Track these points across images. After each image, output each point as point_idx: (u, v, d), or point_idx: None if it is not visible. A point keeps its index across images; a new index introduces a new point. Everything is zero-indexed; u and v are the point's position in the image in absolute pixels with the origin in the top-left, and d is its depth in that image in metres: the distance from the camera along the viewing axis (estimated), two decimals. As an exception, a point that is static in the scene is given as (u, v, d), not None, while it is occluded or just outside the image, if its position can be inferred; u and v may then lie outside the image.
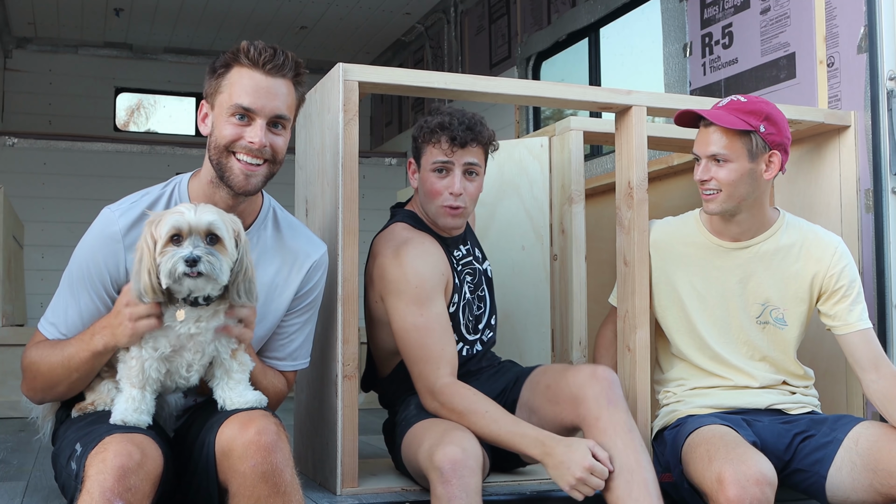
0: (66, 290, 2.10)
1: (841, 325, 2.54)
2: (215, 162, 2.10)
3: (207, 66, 2.13)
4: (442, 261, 2.50)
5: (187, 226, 1.87)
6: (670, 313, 2.65)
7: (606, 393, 2.29)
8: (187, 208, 1.91)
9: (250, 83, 2.06)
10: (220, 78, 2.10)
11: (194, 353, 2.00)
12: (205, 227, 1.88)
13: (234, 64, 2.08)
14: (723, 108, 2.50)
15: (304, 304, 2.28)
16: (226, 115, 2.08)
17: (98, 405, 2.06)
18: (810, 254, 2.59)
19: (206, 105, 2.14)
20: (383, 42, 8.09)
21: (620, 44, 5.37)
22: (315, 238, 2.33)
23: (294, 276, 2.25)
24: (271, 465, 1.85)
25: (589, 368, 2.36)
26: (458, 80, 2.65)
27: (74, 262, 2.09)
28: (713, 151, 2.48)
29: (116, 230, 2.05)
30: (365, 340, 2.67)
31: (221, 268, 1.88)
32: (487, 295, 2.69)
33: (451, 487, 2.09)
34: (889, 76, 3.03)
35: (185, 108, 9.08)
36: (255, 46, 2.07)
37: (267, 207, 2.27)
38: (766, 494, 2.15)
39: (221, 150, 2.09)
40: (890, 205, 2.98)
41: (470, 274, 2.63)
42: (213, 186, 2.14)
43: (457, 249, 2.63)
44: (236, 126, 2.08)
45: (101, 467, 1.76)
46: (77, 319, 2.08)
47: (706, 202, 2.54)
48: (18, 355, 2.16)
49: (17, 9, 7.36)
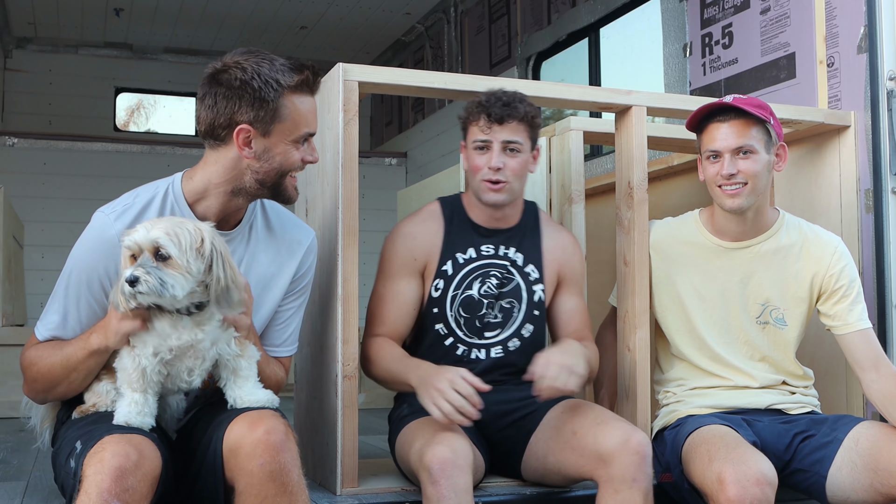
0: (62, 294, 2.10)
1: (841, 325, 2.54)
2: (270, 184, 2.15)
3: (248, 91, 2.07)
4: (423, 243, 2.53)
5: (137, 245, 1.91)
6: (670, 313, 2.65)
7: (634, 471, 2.19)
8: (142, 226, 1.93)
9: (308, 108, 2.15)
10: (274, 106, 2.09)
11: (195, 360, 2.01)
12: (150, 244, 1.91)
13: (286, 92, 2.11)
14: (733, 101, 2.51)
15: (298, 288, 2.31)
16: (289, 142, 2.14)
17: (100, 407, 2.06)
18: (810, 254, 2.59)
19: (255, 131, 2.10)
20: (383, 42, 8.09)
21: (620, 44, 5.37)
22: (303, 224, 2.36)
23: (288, 263, 2.27)
24: (279, 465, 1.86)
25: (624, 432, 2.23)
26: (458, 80, 2.65)
27: (72, 268, 2.09)
28: (740, 143, 2.48)
29: (113, 234, 2.05)
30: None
31: (164, 283, 1.89)
32: (518, 314, 2.55)
33: (440, 488, 2.09)
34: (889, 76, 3.03)
35: (185, 108, 9.08)
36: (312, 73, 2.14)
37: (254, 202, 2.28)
38: (767, 494, 2.15)
39: (283, 174, 2.15)
40: (890, 205, 2.98)
41: (489, 276, 2.54)
42: (232, 195, 2.15)
43: (487, 245, 2.56)
44: (299, 151, 2.16)
45: (98, 468, 1.76)
46: (76, 325, 2.09)
47: (731, 198, 2.51)
48: (18, 355, 2.17)
49: (17, 9, 7.36)
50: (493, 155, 2.45)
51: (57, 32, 7.95)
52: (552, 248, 2.61)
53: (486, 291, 2.54)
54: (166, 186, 2.17)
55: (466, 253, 2.54)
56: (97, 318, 2.07)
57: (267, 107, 2.08)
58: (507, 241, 2.57)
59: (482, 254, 2.54)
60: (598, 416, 2.34)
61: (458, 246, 2.54)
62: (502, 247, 2.56)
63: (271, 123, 2.10)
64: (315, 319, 2.60)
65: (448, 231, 2.55)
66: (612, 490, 2.20)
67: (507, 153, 2.46)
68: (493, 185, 2.46)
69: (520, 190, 2.53)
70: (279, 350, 2.31)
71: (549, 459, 2.39)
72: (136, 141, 7.78)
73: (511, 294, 2.55)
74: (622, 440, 2.21)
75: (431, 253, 2.53)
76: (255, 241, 2.24)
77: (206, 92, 2.11)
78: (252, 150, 2.11)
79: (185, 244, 1.92)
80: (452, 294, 2.52)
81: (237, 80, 2.07)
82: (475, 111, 2.47)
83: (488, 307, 2.54)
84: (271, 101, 2.08)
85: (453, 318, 2.52)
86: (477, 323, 2.54)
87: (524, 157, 2.49)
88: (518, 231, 2.59)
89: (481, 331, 2.54)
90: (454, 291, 2.52)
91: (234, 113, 2.08)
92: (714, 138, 2.52)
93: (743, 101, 2.50)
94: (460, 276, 2.53)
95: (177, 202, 2.14)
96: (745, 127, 2.48)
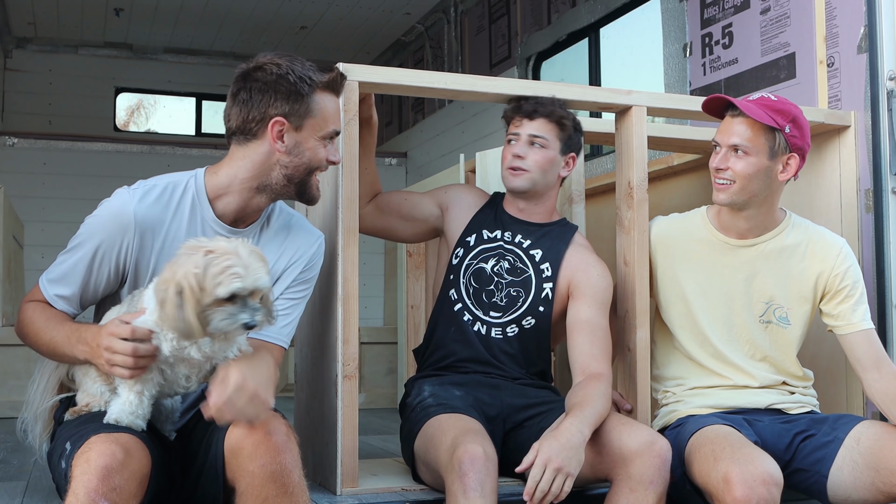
0: (72, 256, 2.12)
1: (844, 325, 2.54)
2: (298, 180, 2.19)
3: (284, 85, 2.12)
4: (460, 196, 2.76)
5: (246, 291, 1.87)
6: (674, 308, 2.65)
7: (653, 473, 2.21)
8: (243, 268, 1.86)
9: (335, 108, 2.21)
10: (307, 101, 2.15)
11: (191, 368, 2.00)
12: (261, 290, 1.90)
13: (317, 89, 2.16)
14: (753, 101, 2.50)
15: (303, 279, 2.29)
16: (318, 139, 2.18)
17: (93, 407, 2.06)
18: (815, 254, 2.59)
19: (288, 124, 2.15)
20: (383, 42, 8.08)
21: (620, 44, 5.37)
22: (313, 228, 2.36)
23: (293, 263, 2.27)
24: (280, 466, 1.86)
25: (649, 434, 2.27)
26: (458, 80, 2.65)
27: (83, 235, 2.12)
28: (735, 142, 2.48)
29: (131, 212, 2.08)
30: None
31: None
32: (523, 305, 2.61)
33: (468, 480, 2.10)
34: (889, 76, 3.03)
35: (185, 108, 9.08)
36: (340, 75, 2.21)
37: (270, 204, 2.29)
38: (773, 494, 2.14)
39: (311, 170, 2.20)
40: (890, 205, 2.98)
41: (504, 259, 2.64)
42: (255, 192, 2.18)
43: (509, 232, 2.67)
44: (325, 149, 2.20)
45: (85, 468, 1.77)
46: (76, 288, 2.12)
47: (717, 191, 2.53)
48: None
49: (17, 9, 7.36)
50: (518, 145, 2.61)
51: (57, 32, 7.95)
52: (573, 257, 2.64)
53: (497, 270, 2.64)
54: (188, 179, 2.19)
55: (493, 233, 2.67)
56: (104, 284, 2.12)
57: (301, 101, 2.14)
58: (528, 234, 2.66)
59: (504, 238, 2.66)
60: (620, 418, 2.41)
61: (487, 224, 2.68)
62: (520, 236, 2.66)
63: (304, 118, 2.15)
64: (315, 319, 2.60)
65: (483, 210, 2.72)
66: (628, 489, 2.22)
67: (532, 146, 2.61)
68: (513, 170, 2.61)
69: (543, 185, 2.64)
70: (272, 336, 2.21)
71: None
72: (136, 141, 7.77)
73: (520, 284, 2.63)
74: (647, 442, 2.24)
75: (460, 213, 2.72)
76: (263, 240, 2.25)
77: (241, 87, 2.15)
78: (284, 143, 2.15)
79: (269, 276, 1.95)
80: (467, 263, 2.65)
81: (273, 75, 2.13)
82: (511, 109, 2.67)
83: (496, 286, 2.63)
84: (305, 96, 2.14)
85: (464, 285, 2.64)
86: (484, 297, 2.62)
87: (549, 154, 2.61)
88: (543, 231, 2.67)
89: (487, 307, 2.62)
90: (469, 261, 2.65)
91: (268, 106, 2.13)
92: (720, 129, 2.54)
93: (764, 102, 2.49)
94: (479, 249, 2.65)
95: (198, 196, 2.17)
96: (749, 127, 2.48)
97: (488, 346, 2.61)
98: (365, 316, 6.60)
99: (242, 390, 1.84)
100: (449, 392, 2.52)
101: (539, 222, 2.68)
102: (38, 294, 2.16)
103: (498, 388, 2.57)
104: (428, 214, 2.75)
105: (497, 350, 2.61)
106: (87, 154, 7.13)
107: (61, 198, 6.92)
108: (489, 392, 2.55)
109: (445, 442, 2.24)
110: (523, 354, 2.63)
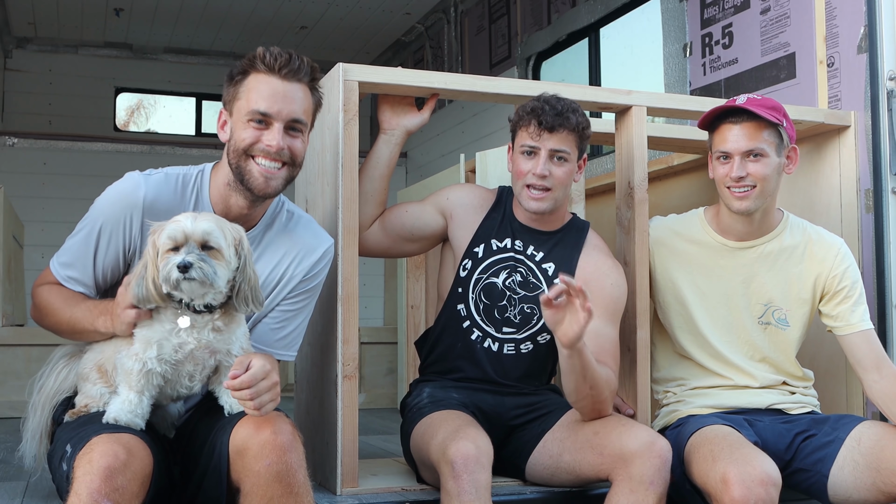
0: (82, 238, 2.13)
1: (843, 326, 2.54)
2: (234, 166, 2.14)
3: (229, 74, 2.15)
4: (464, 199, 2.61)
5: (183, 235, 1.91)
6: (673, 310, 2.65)
7: (653, 474, 2.20)
8: (185, 217, 1.94)
9: (267, 88, 2.11)
10: (237, 85, 2.13)
11: (195, 366, 2.01)
12: (200, 235, 1.92)
13: (250, 70, 2.12)
14: (746, 104, 2.49)
15: (303, 289, 2.27)
16: (244, 121, 2.12)
17: (91, 408, 2.06)
18: (813, 255, 2.59)
19: (225, 112, 2.17)
20: (383, 42, 8.08)
21: (620, 44, 5.37)
22: (322, 232, 2.34)
23: (298, 269, 2.25)
24: (286, 465, 1.86)
25: (649, 435, 2.26)
26: (458, 80, 2.65)
27: (90, 215, 2.13)
28: (751, 146, 2.48)
29: (140, 197, 2.10)
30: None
31: (215, 273, 1.91)
32: (537, 322, 2.54)
33: (462, 482, 2.10)
34: (889, 76, 3.03)
35: (185, 108, 9.07)
36: (270, 52, 2.11)
37: (276, 204, 2.28)
38: (771, 495, 2.15)
39: (241, 153, 2.13)
40: (890, 205, 2.98)
41: (516, 272, 2.55)
42: (230, 189, 2.17)
43: (519, 241, 2.56)
44: (255, 130, 2.12)
45: (87, 468, 1.77)
46: (86, 270, 2.13)
47: (740, 200, 2.50)
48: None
49: (17, 9, 7.36)
50: (539, 162, 2.45)
51: (57, 32, 7.94)
52: (586, 265, 2.56)
53: (509, 284, 2.55)
54: (196, 173, 2.21)
55: (503, 242, 2.56)
56: (113, 265, 2.13)
57: (232, 85, 2.14)
58: (540, 245, 2.57)
59: (515, 247, 2.56)
60: (620, 418, 2.39)
61: (496, 232, 2.57)
62: (531, 247, 2.57)
63: (234, 102, 2.15)
64: (315, 319, 2.60)
65: (490, 215, 2.58)
66: (629, 490, 2.21)
67: (554, 161, 2.46)
68: (535, 192, 2.47)
69: (562, 199, 2.54)
70: (271, 353, 2.23)
71: (563, 458, 2.39)
72: (136, 141, 7.77)
73: (534, 300, 2.54)
74: (647, 442, 2.23)
75: (465, 219, 2.59)
76: (266, 244, 2.24)
77: None
78: (225, 132, 2.17)
79: (229, 238, 1.96)
80: (477, 277, 2.55)
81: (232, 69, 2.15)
82: (526, 116, 2.47)
83: (509, 301, 2.55)
84: (237, 80, 2.13)
85: (474, 302, 2.54)
86: (496, 314, 2.55)
87: (570, 167, 2.49)
88: (553, 238, 2.58)
89: (499, 324, 2.55)
90: (479, 275, 2.55)
91: (223, 98, 2.18)
92: (725, 139, 2.51)
93: (757, 102, 2.49)
94: (488, 262, 2.55)
95: (201, 193, 2.18)
96: (756, 129, 2.48)
97: (499, 362, 2.54)
98: (365, 316, 6.61)
99: (266, 373, 1.88)
100: (447, 394, 2.52)
101: (550, 230, 2.58)
102: (50, 277, 2.17)
103: (500, 394, 2.56)
104: (433, 229, 2.62)
105: (509, 366, 2.55)
106: (87, 154, 7.14)
107: (61, 198, 6.92)
108: (491, 396, 2.55)
109: (437, 438, 2.24)
110: (537, 370, 2.59)
